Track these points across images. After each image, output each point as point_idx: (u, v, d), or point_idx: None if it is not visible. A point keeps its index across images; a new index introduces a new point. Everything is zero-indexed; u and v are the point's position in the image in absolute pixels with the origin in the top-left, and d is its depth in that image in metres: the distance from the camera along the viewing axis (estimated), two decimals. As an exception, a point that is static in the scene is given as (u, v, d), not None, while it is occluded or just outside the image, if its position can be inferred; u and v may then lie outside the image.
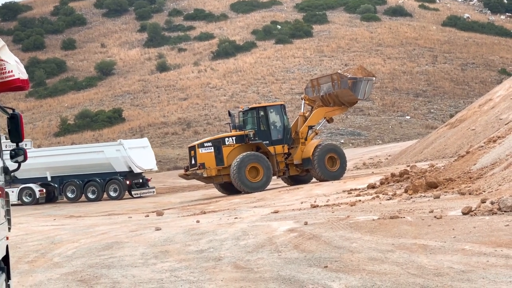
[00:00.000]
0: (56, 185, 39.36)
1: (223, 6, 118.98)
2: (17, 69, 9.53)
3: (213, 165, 31.64)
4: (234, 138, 32.14)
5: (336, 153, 32.89)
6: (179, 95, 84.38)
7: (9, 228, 10.24)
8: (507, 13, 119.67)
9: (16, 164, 9.92)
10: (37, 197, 38.81)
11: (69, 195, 39.05)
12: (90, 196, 38.61)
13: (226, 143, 31.99)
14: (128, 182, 38.42)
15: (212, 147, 31.91)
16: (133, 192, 38.63)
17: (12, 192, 38.89)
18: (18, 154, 9.77)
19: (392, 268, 11.06)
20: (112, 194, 38.43)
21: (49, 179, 39.40)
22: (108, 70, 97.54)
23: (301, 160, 32.43)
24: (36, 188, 39.00)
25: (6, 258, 9.95)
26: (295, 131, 33.17)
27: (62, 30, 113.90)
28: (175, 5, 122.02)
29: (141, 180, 39.37)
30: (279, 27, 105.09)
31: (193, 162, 32.21)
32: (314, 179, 32.99)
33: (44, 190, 39.22)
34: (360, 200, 20.79)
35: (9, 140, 9.82)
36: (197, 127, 74.05)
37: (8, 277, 10.03)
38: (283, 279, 11.07)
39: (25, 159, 9.81)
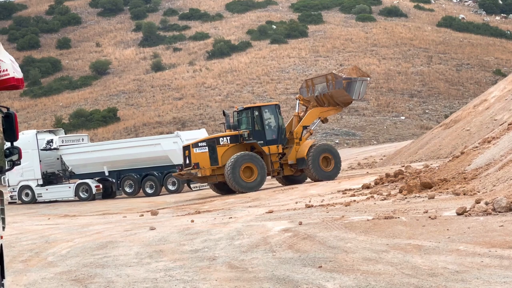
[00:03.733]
0: (114, 180, 38.67)
1: (218, 6, 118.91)
2: (12, 68, 9.51)
3: (207, 165, 31.60)
4: (228, 138, 32.11)
5: (331, 153, 32.89)
6: (174, 95, 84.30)
7: (4, 227, 10.23)
8: (502, 14, 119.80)
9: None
10: (94, 192, 38.25)
11: (127, 190, 38.24)
12: (148, 191, 37.63)
13: (221, 143, 31.95)
14: None
15: (207, 147, 31.86)
16: (192, 185, 37.41)
17: (69, 187, 38.87)
18: (12, 153, 9.72)
19: (386, 268, 11.07)
20: (171, 187, 37.32)
21: (106, 173, 38.65)
22: (103, 69, 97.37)
23: (296, 160, 32.41)
24: (92, 183, 38.42)
25: (0, 257, 9.94)
26: (289, 131, 33.15)
27: (57, 29, 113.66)
28: (170, 5, 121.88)
29: None
30: (274, 27, 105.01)
31: (187, 162, 32.18)
32: (308, 179, 32.99)
33: (101, 186, 38.56)
34: (354, 200, 20.78)
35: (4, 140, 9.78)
36: (192, 126, 73.94)
37: (2, 276, 10.01)
38: (277, 279, 11.07)
39: (19, 158, 9.75)
